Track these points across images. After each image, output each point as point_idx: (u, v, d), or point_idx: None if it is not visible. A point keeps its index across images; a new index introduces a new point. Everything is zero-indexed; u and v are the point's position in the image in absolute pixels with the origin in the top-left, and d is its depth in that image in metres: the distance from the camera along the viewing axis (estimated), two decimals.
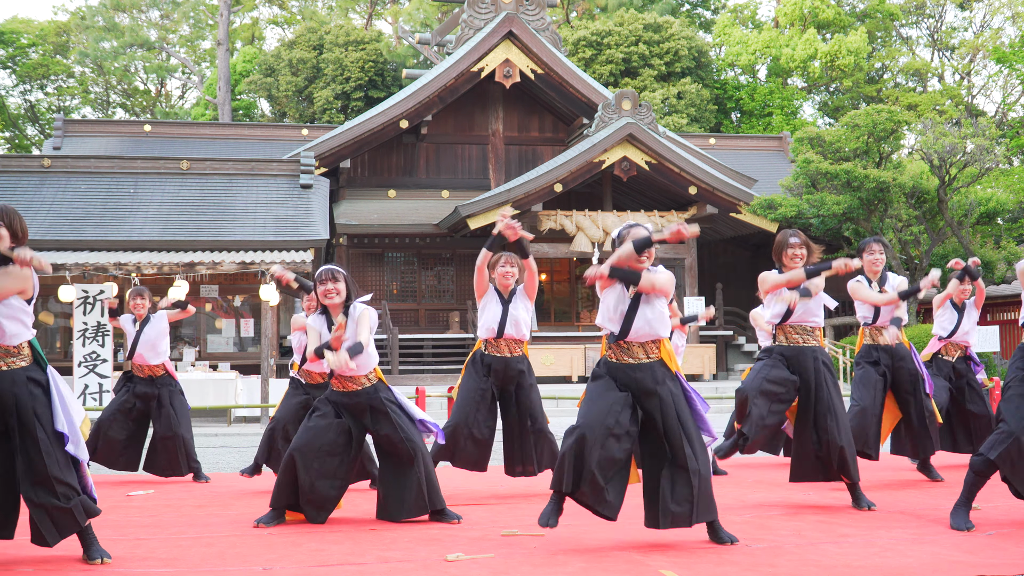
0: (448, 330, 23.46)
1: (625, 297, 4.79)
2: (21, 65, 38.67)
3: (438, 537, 5.12)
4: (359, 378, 5.60)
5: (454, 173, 25.26)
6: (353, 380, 5.60)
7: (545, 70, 23.70)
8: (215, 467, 9.61)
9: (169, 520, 5.84)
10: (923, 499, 6.35)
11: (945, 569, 4.24)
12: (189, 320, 19.42)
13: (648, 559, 4.50)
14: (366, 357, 5.53)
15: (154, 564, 4.50)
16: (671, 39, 33.53)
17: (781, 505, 6.16)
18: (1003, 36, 37.24)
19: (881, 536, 5.05)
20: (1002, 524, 5.33)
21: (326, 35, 34.35)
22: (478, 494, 6.92)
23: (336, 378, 5.63)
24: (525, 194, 20.94)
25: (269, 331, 16.75)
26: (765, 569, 4.27)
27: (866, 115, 19.96)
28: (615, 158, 21.20)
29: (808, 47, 34.71)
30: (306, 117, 34.67)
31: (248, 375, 17.00)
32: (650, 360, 4.79)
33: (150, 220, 18.72)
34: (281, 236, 18.54)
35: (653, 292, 4.75)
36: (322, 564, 4.48)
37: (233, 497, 6.93)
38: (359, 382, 5.61)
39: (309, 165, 20.75)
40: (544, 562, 4.45)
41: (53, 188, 19.43)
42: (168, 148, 25.31)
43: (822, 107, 39.82)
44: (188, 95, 44.34)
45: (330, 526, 5.56)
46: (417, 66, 34.59)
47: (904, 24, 40.15)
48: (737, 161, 26.67)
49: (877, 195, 19.43)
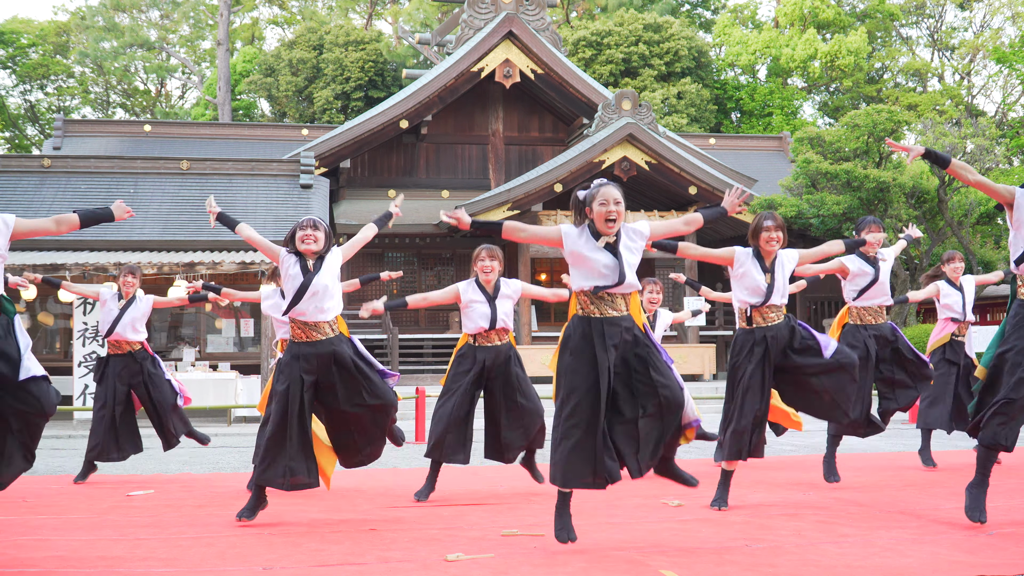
0: (448, 330, 23.46)
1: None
2: (21, 65, 38.67)
3: (438, 537, 5.12)
4: (322, 325, 5.61)
5: (454, 173, 25.27)
6: (316, 328, 5.60)
7: (545, 70, 23.70)
8: (215, 467, 9.61)
9: (169, 520, 5.84)
10: (923, 499, 6.35)
11: (945, 569, 4.24)
12: (189, 320, 19.41)
13: (648, 559, 4.50)
14: (333, 301, 5.60)
15: (154, 564, 4.50)
16: (671, 39, 33.53)
17: (781, 505, 6.16)
18: (1003, 36, 37.24)
19: (881, 536, 5.05)
20: (1002, 524, 5.33)
21: (326, 35, 34.35)
22: (478, 494, 6.92)
23: (298, 326, 5.62)
24: (525, 194, 20.94)
25: (269, 331, 16.74)
26: (765, 569, 4.27)
27: (866, 115, 19.97)
28: (615, 158, 21.20)
29: (808, 47, 34.71)
30: (306, 117, 34.67)
31: (248, 375, 16.99)
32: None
33: (150, 220, 18.72)
34: (281, 236, 18.51)
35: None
36: (322, 564, 4.48)
37: (233, 497, 6.93)
38: (323, 330, 5.62)
39: (309, 165, 20.75)
40: (544, 562, 4.45)
41: (53, 188, 19.43)
42: (168, 148, 25.32)
43: (822, 107, 39.83)
44: (188, 95, 44.38)
45: (330, 526, 5.56)
46: (417, 66, 34.60)
47: (904, 24, 40.15)
48: (737, 161, 26.68)
49: (877, 195, 19.44)
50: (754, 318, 6.00)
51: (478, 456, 10.17)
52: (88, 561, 4.55)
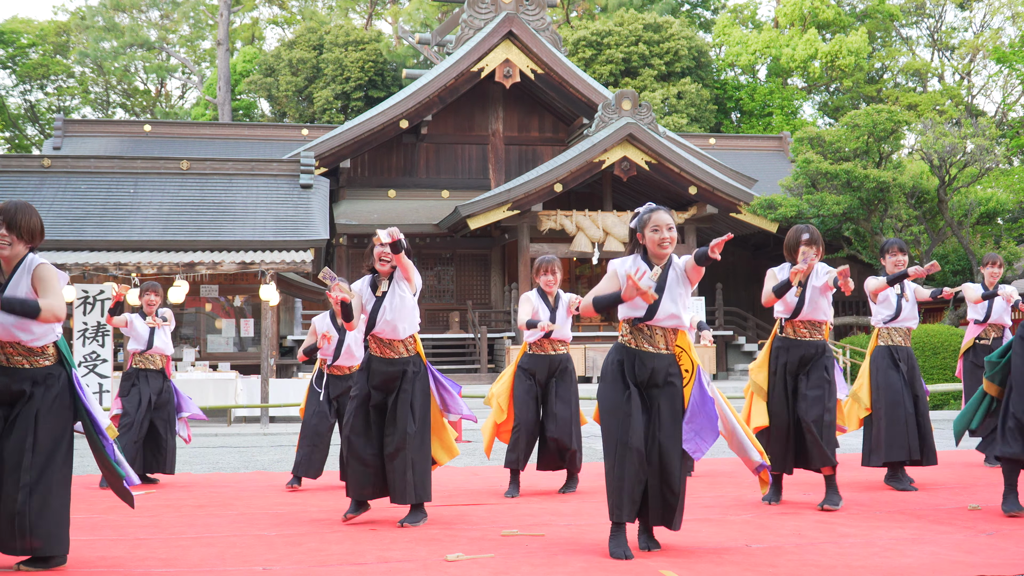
0: (448, 330, 23.46)
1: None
2: (21, 65, 38.67)
3: (438, 537, 5.12)
4: (396, 344, 5.62)
5: (454, 173, 25.26)
6: (391, 347, 5.61)
7: (545, 70, 23.70)
8: (215, 467, 9.61)
9: (169, 520, 5.84)
10: (923, 499, 6.35)
11: (945, 569, 4.24)
12: (189, 320, 19.42)
13: (648, 559, 4.50)
14: (409, 316, 5.59)
15: (154, 564, 4.50)
16: (671, 39, 33.53)
17: (781, 505, 6.16)
18: (1003, 36, 37.23)
19: (881, 536, 5.05)
20: (1002, 524, 5.33)
21: (326, 35, 34.35)
22: (478, 494, 6.92)
23: (375, 342, 5.66)
24: (525, 194, 20.94)
25: (269, 331, 16.74)
26: (765, 569, 4.27)
27: (866, 115, 19.95)
28: (615, 158, 21.20)
29: (808, 47, 34.71)
30: (306, 117, 34.67)
31: (248, 375, 16.99)
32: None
33: (150, 220, 18.72)
34: (281, 236, 18.54)
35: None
36: (322, 564, 4.48)
37: (233, 497, 6.93)
38: (397, 349, 5.63)
39: (309, 165, 20.75)
40: (544, 562, 4.45)
41: (53, 188, 19.43)
42: (168, 148, 25.31)
43: (822, 107, 39.82)
44: (188, 95, 44.39)
45: (330, 526, 5.56)
46: (417, 66, 34.60)
47: (904, 24, 40.15)
48: (737, 161, 26.67)
49: (877, 195, 19.43)
50: (786, 329, 6.11)
51: (478, 456, 10.16)
52: (88, 561, 4.55)
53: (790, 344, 6.06)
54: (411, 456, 5.50)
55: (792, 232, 5.98)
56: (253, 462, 10.05)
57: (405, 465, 5.48)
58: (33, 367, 4.30)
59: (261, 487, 7.58)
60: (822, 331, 6.07)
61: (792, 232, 5.98)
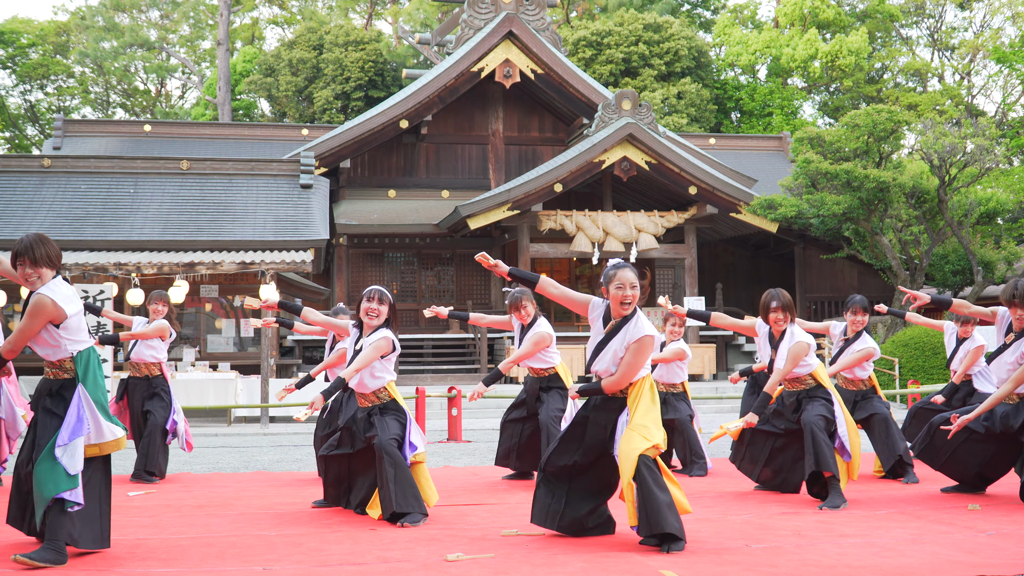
0: (448, 330, 23.45)
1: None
2: (21, 65, 38.67)
3: (438, 537, 5.12)
4: (369, 395, 5.90)
5: (454, 173, 25.26)
6: (364, 397, 5.92)
7: (545, 70, 23.69)
8: (215, 467, 9.61)
9: (169, 520, 5.85)
10: (923, 499, 6.35)
11: (945, 569, 4.24)
12: (189, 320, 19.41)
13: (648, 559, 4.50)
14: (369, 379, 5.84)
15: (154, 564, 4.50)
16: (671, 39, 33.53)
17: (781, 505, 6.16)
18: (1003, 36, 37.25)
19: (881, 536, 5.05)
20: (1002, 524, 5.33)
21: (326, 35, 34.35)
22: (478, 494, 6.92)
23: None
24: (525, 194, 20.93)
25: (269, 331, 16.74)
26: (765, 569, 4.27)
27: (866, 115, 19.95)
28: (615, 158, 21.19)
29: (808, 47, 34.71)
30: (306, 117, 34.67)
31: (248, 375, 16.98)
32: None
33: (150, 220, 18.71)
34: (281, 236, 18.53)
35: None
36: (322, 564, 4.48)
37: (233, 497, 6.93)
38: (369, 399, 5.91)
39: (309, 165, 20.74)
40: (544, 562, 4.45)
41: (53, 188, 19.43)
42: (168, 148, 25.31)
43: (822, 107, 39.83)
44: (188, 95, 44.38)
45: (330, 526, 5.56)
46: (417, 66, 34.60)
47: (904, 24, 40.16)
48: (737, 161, 26.67)
49: (877, 195, 19.43)
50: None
51: (479, 457, 10.18)
52: (88, 561, 4.55)
53: (784, 393, 6.58)
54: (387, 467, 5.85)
55: (765, 296, 6.36)
56: (253, 462, 10.06)
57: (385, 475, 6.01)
58: (56, 378, 4.80)
59: (261, 487, 7.59)
60: (806, 381, 6.41)
61: (765, 296, 6.36)
